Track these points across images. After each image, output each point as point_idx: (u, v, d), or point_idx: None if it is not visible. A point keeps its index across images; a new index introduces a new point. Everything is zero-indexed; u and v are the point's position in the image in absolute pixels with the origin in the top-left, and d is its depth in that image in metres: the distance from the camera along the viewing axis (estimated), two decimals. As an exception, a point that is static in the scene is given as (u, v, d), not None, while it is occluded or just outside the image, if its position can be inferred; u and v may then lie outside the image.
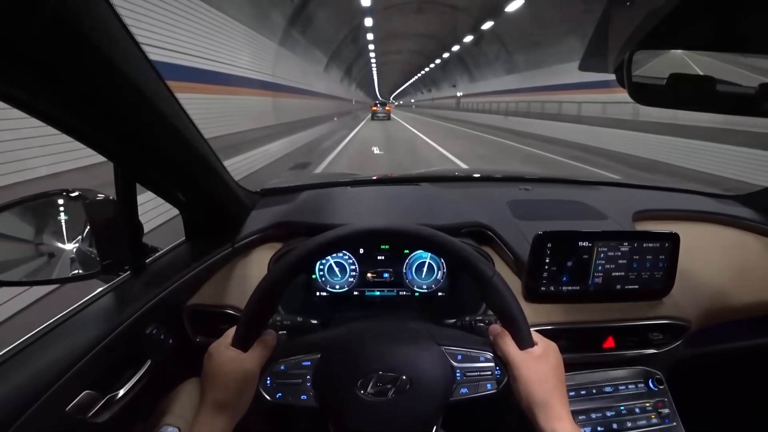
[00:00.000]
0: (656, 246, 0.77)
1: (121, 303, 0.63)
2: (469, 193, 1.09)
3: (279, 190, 1.07)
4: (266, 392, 0.56)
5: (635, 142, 8.45)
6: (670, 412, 0.78)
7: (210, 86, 5.75)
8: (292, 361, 0.57)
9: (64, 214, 0.70)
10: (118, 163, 0.60)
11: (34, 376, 0.48)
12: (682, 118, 7.49)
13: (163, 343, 0.67)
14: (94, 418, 0.53)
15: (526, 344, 0.55)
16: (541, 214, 0.96)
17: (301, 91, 12.72)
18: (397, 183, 1.22)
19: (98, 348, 0.54)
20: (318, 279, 0.85)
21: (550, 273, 0.76)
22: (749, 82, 0.61)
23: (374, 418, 0.53)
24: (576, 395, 0.78)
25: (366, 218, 0.93)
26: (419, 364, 0.56)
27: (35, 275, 0.68)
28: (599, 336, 0.79)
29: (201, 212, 0.79)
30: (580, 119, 11.23)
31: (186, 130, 0.59)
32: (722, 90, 0.62)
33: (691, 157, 6.94)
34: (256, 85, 8.04)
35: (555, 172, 5.96)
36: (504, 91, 19.44)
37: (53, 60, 0.36)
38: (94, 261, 0.68)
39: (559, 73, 13.18)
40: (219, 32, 6.18)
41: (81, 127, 0.48)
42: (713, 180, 5.97)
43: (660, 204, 1.07)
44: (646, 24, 0.56)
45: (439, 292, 0.86)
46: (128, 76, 0.44)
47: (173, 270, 0.73)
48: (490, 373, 0.57)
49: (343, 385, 0.54)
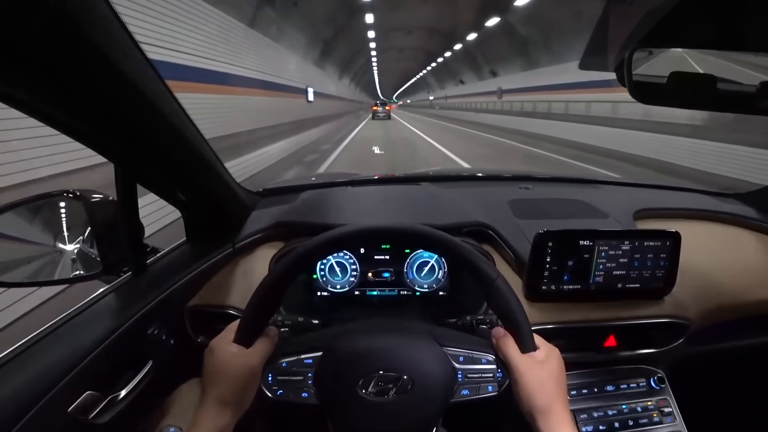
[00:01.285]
0: (657, 245, 0.76)
1: (122, 304, 0.63)
2: (469, 193, 1.09)
3: (279, 190, 1.07)
4: (267, 389, 0.56)
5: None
6: (671, 411, 0.78)
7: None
8: (294, 357, 0.57)
9: (65, 214, 0.70)
10: (118, 164, 0.60)
11: (36, 378, 0.48)
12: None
13: (164, 343, 0.67)
14: (96, 418, 0.53)
15: (528, 348, 0.55)
16: (541, 213, 0.96)
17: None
18: (397, 183, 1.22)
19: (100, 349, 0.54)
20: (319, 279, 0.85)
21: (551, 272, 0.76)
22: (749, 80, 0.61)
23: (375, 418, 0.53)
24: (577, 394, 0.78)
25: (367, 218, 0.93)
26: (421, 364, 0.55)
27: (36, 276, 0.68)
28: (600, 335, 0.79)
29: (201, 212, 0.80)
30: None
31: (186, 130, 0.59)
32: (722, 88, 0.62)
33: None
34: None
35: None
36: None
37: (53, 60, 0.36)
38: (95, 262, 0.69)
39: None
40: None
41: (81, 128, 0.48)
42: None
43: (661, 203, 1.07)
44: (646, 22, 0.56)
45: (440, 292, 0.86)
46: (128, 76, 0.44)
47: (174, 270, 0.73)
48: (491, 375, 0.57)
49: (344, 383, 0.54)
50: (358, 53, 25.62)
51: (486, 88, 21.42)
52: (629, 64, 0.62)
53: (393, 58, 37.06)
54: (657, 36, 0.57)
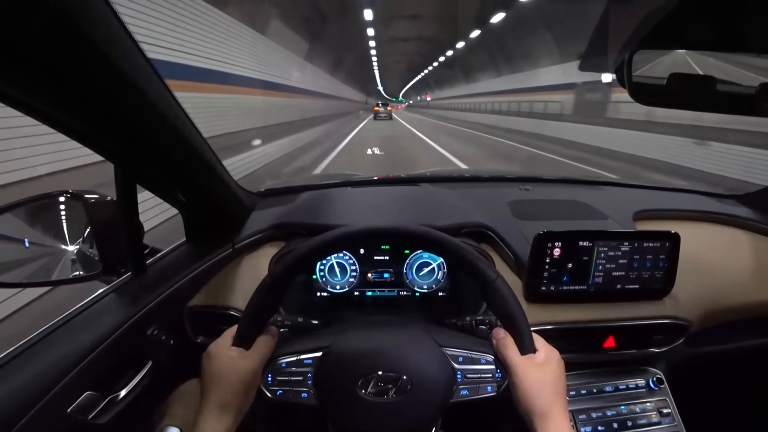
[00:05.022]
0: (657, 246, 0.77)
1: (122, 304, 0.63)
2: (469, 194, 1.08)
3: (279, 191, 1.07)
4: (267, 389, 0.56)
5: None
6: (670, 412, 0.78)
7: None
8: (294, 358, 0.57)
9: (64, 215, 0.70)
10: (118, 164, 0.60)
11: (36, 378, 0.48)
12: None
13: (164, 343, 0.67)
14: (96, 419, 0.53)
15: (527, 349, 0.55)
16: (541, 214, 0.96)
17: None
18: (397, 183, 1.22)
19: (99, 349, 0.54)
20: (319, 279, 0.85)
21: (551, 273, 0.76)
22: (749, 81, 0.61)
23: (374, 418, 0.53)
24: (576, 395, 0.78)
25: (366, 219, 0.93)
26: (421, 364, 0.55)
27: (36, 276, 0.68)
28: (600, 336, 0.79)
29: (201, 213, 0.79)
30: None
31: (186, 130, 0.59)
32: (722, 90, 0.62)
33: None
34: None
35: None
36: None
37: (53, 60, 0.36)
38: (95, 262, 0.68)
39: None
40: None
41: (80, 128, 0.48)
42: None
43: (660, 204, 1.07)
44: (646, 24, 0.56)
45: (440, 292, 0.86)
46: (128, 76, 0.44)
47: (174, 271, 0.73)
48: (490, 375, 0.57)
49: (344, 384, 0.54)
50: (356, 47, 22.39)
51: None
52: (629, 65, 0.62)
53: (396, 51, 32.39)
54: (657, 37, 0.57)
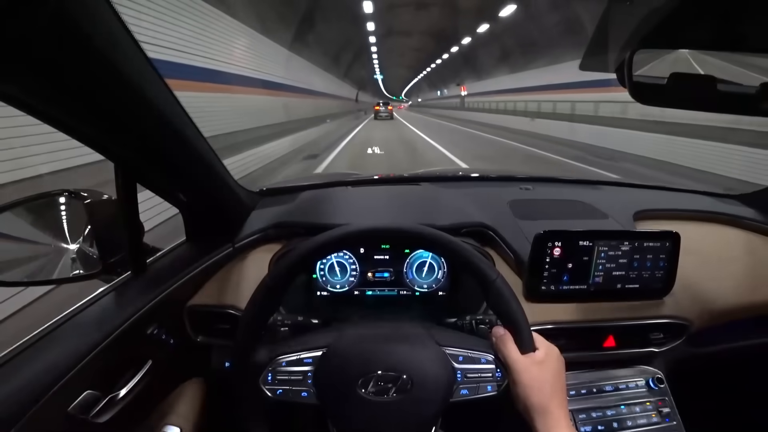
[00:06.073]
0: (657, 245, 0.77)
1: (122, 303, 0.64)
2: (469, 193, 1.08)
3: (279, 190, 1.07)
4: (267, 389, 0.56)
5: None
6: (670, 411, 0.78)
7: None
8: (294, 357, 0.57)
9: (65, 214, 0.70)
10: (118, 164, 0.60)
11: (36, 376, 0.48)
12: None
13: (164, 343, 0.67)
14: (96, 418, 0.53)
15: (527, 348, 0.55)
16: (541, 214, 0.96)
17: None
18: (397, 183, 1.22)
19: (99, 348, 0.54)
20: (319, 279, 0.85)
21: (551, 272, 0.76)
22: (750, 81, 0.61)
23: (374, 417, 0.53)
24: (576, 394, 0.78)
25: (367, 218, 0.93)
26: (421, 364, 0.56)
27: (36, 275, 0.68)
28: (600, 335, 0.79)
29: (201, 212, 0.79)
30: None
31: (186, 130, 0.59)
32: (723, 89, 0.62)
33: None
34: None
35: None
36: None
37: (53, 60, 0.36)
38: (95, 261, 0.68)
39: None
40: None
41: (81, 127, 0.48)
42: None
43: (661, 203, 1.07)
44: (647, 23, 0.55)
45: (440, 292, 0.86)
46: (128, 76, 0.44)
47: (174, 270, 0.73)
48: (490, 375, 0.57)
49: (344, 383, 0.54)
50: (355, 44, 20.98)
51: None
52: (629, 64, 0.62)
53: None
54: (657, 37, 0.57)
